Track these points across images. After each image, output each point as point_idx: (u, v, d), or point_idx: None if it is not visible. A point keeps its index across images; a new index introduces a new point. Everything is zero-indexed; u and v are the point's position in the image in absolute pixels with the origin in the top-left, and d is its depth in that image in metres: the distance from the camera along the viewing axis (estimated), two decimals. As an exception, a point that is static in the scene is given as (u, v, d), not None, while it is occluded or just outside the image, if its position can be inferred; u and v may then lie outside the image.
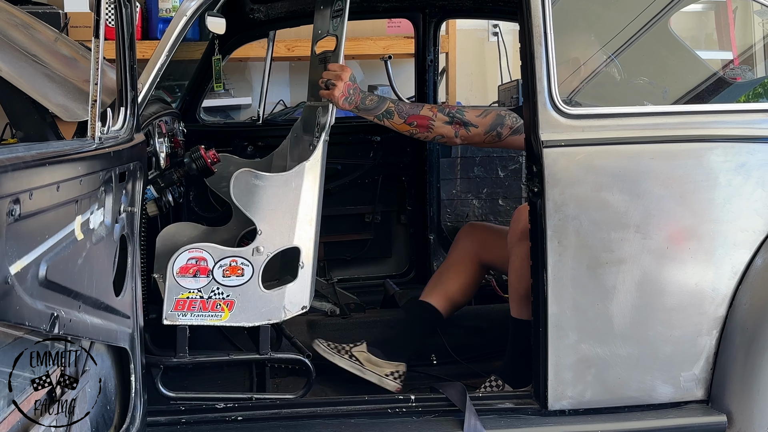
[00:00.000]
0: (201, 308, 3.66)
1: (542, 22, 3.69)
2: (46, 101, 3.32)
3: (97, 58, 2.96)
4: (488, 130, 4.13)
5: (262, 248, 3.67)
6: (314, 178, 3.78)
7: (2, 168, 2.07)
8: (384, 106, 4.05)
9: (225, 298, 3.67)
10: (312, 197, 3.77)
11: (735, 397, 3.75)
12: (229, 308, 3.67)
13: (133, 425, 3.42)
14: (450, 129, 4.12)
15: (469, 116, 4.12)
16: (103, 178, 2.96)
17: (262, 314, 3.72)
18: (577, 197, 3.65)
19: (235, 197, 3.72)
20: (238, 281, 3.67)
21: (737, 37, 7.31)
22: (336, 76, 3.90)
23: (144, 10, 7.17)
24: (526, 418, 3.80)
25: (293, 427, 3.74)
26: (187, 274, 3.63)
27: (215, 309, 3.67)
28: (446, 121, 4.10)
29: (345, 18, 3.90)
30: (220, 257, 3.65)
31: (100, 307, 2.99)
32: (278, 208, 3.71)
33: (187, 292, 3.64)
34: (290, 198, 3.72)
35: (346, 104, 3.94)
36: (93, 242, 2.88)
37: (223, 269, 3.66)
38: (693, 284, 3.75)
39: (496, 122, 4.13)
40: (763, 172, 3.73)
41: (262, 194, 3.70)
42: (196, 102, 5.69)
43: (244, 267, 3.66)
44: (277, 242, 3.70)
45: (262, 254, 3.67)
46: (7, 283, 2.16)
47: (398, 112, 4.06)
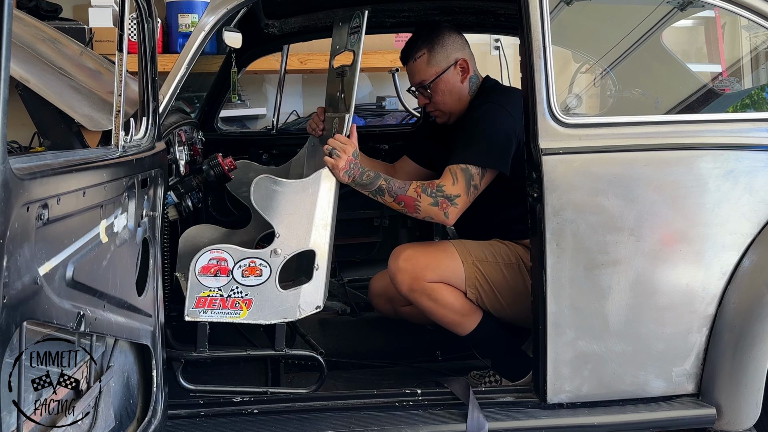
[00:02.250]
0: (221, 306, 3.66)
1: (541, 36, 3.70)
2: (72, 112, 3.32)
3: (121, 70, 2.97)
4: (467, 190, 4.06)
5: (280, 250, 3.67)
6: (330, 185, 3.78)
7: (31, 175, 2.08)
8: (377, 183, 4.00)
9: (244, 297, 3.67)
10: (328, 203, 3.77)
11: (724, 391, 3.74)
12: (247, 306, 3.68)
13: (154, 418, 3.42)
14: (438, 211, 4.03)
15: (448, 189, 4.04)
16: (127, 184, 2.97)
17: (279, 313, 3.72)
18: (574, 202, 3.65)
19: (255, 202, 3.72)
20: (256, 281, 3.67)
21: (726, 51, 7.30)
22: (341, 149, 3.86)
23: (165, 26, 7.18)
24: (526, 411, 3.80)
25: (306, 420, 3.74)
26: (208, 274, 3.63)
27: (234, 307, 3.67)
28: (431, 202, 4.01)
29: (362, 34, 3.90)
30: (239, 258, 3.66)
31: (124, 306, 2.99)
32: (295, 213, 3.71)
33: (208, 291, 3.64)
34: (307, 203, 3.72)
35: (345, 177, 3.88)
36: (117, 245, 2.89)
37: (242, 269, 3.66)
38: (684, 284, 3.74)
39: (468, 179, 4.06)
40: (750, 178, 3.73)
41: (281, 199, 3.70)
42: (214, 112, 5.69)
43: (263, 268, 3.66)
44: (294, 245, 3.70)
45: (280, 256, 3.67)
46: (36, 284, 2.16)
47: (388, 191, 4.01)
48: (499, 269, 4.21)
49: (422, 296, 4.10)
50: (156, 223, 3.46)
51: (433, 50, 4.43)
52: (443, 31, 4.50)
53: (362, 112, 7.85)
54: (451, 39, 4.49)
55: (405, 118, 7.03)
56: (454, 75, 4.45)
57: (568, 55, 5.78)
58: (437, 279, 4.10)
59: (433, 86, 4.45)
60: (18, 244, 2.03)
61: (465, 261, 4.17)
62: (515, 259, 4.23)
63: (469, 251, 4.23)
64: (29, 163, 2.13)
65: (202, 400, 3.79)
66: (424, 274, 4.08)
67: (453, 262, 4.16)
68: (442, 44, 4.45)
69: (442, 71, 4.43)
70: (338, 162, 3.81)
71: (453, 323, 4.18)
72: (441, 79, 4.43)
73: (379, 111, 8.01)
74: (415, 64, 4.48)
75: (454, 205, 4.01)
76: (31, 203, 2.08)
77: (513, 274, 4.17)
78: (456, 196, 4.02)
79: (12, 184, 1.95)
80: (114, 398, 3.14)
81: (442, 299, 4.11)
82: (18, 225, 2.01)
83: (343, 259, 5.98)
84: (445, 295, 4.11)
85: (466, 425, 3.68)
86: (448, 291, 4.13)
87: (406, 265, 4.10)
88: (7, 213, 1.94)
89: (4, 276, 1.94)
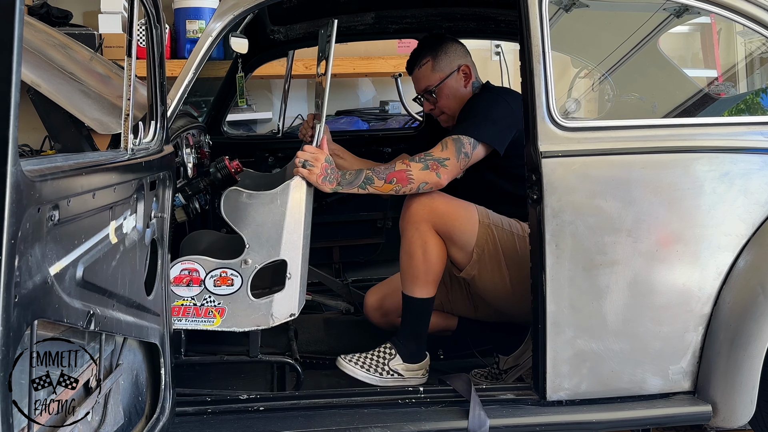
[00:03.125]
0: (195, 314, 3.69)
1: (541, 42, 3.70)
2: (82, 115, 3.33)
3: (130, 75, 2.97)
4: (458, 156, 4.09)
5: (250, 260, 3.68)
6: (300, 195, 3.76)
7: (42, 177, 2.08)
8: (362, 175, 3.98)
9: (217, 306, 3.69)
10: (298, 213, 3.76)
11: (719, 389, 3.74)
12: (220, 315, 3.69)
13: (162, 415, 3.42)
14: (429, 173, 4.03)
15: (437, 153, 4.10)
16: (135, 186, 2.97)
17: (252, 321, 3.73)
18: (573, 204, 3.65)
19: (225, 214, 3.72)
20: (228, 290, 3.68)
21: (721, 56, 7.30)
22: (313, 158, 3.84)
23: (173, 31, 7.18)
24: (526, 408, 3.80)
25: (311, 417, 3.74)
26: (180, 284, 3.65)
27: (207, 315, 3.69)
28: (421, 167, 4.02)
29: (332, 43, 3.90)
30: (211, 268, 3.67)
31: (133, 305, 2.99)
32: (265, 224, 3.71)
33: (182, 300, 3.66)
34: (276, 214, 3.72)
35: (326, 183, 3.87)
36: (126, 246, 2.89)
37: (213, 279, 3.68)
38: (680, 284, 3.74)
39: (459, 146, 4.11)
40: (745, 181, 3.73)
41: (250, 211, 3.70)
42: (221, 116, 5.70)
43: (234, 277, 3.68)
44: (265, 255, 3.70)
45: (250, 266, 3.68)
46: (47, 283, 2.16)
47: (376, 176, 3.98)
48: (512, 238, 4.28)
49: (415, 234, 4.13)
50: (164, 225, 3.46)
51: (437, 57, 4.59)
52: (446, 41, 4.67)
53: (366, 116, 7.85)
54: (454, 47, 4.65)
55: (408, 122, 7.03)
56: (458, 80, 4.60)
57: (567, 61, 5.77)
58: (443, 232, 4.16)
59: (437, 91, 4.59)
60: (29, 245, 2.03)
61: (482, 221, 4.22)
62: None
63: (488, 214, 4.28)
64: (40, 166, 2.13)
65: (209, 398, 3.79)
66: (434, 219, 4.12)
67: (470, 220, 4.20)
68: (446, 52, 4.61)
69: (446, 76, 4.58)
70: (312, 172, 3.80)
71: (412, 276, 4.18)
72: (445, 84, 4.58)
73: (382, 115, 8.00)
74: (420, 72, 4.63)
75: (445, 166, 4.05)
76: (42, 205, 2.08)
77: (524, 247, 4.12)
78: (445, 158, 4.08)
79: (23, 186, 1.95)
80: (123, 395, 3.15)
81: (428, 253, 4.14)
82: (29, 226, 2.01)
83: (347, 260, 6.00)
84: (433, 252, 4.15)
85: (467, 422, 3.68)
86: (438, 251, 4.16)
87: (424, 204, 4.12)
88: (19, 214, 1.94)
89: (16, 276, 1.94)
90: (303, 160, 3.83)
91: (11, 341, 1.95)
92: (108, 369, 2.95)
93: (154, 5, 3.46)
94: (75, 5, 7.36)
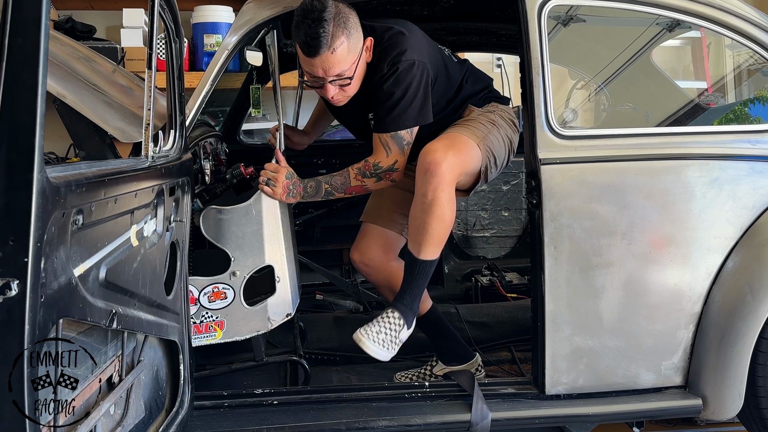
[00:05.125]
0: (196, 332, 3.68)
1: (540, 55, 3.71)
2: (105, 125, 3.33)
3: (150, 86, 2.97)
4: (402, 150, 3.83)
5: (238, 272, 3.68)
6: (273, 202, 3.79)
7: (67, 183, 2.08)
8: (323, 189, 3.87)
9: (215, 320, 3.69)
10: (275, 219, 3.78)
11: (709, 383, 3.73)
12: (220, 327, 3.70)
13: (182, 408, 3.43)
14: (384, 183, 3.86)
15: (385, 162, 3.82)
16: (156, 192, 2.97)
17: (251, 327, 3.74)
18: (570, 208, 3.65)
19: (205, 233, 3.72)
20: (222, 304, 3.68)
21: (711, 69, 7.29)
22: (274, 178, 3.80)
23: (191, 45, 7.18)
24: (526, 402, 3.80)
25: (322, 410, 3.75)
26: None
27: (209, 330, 3.69)
28: (375, 180, 3.85)
29: (275, 52, 3.99)
30: (202, 286, 3.67)
31: (153, 305, 2.99)
32: (245, 235, 3.71)
33: None
34: (254, 224, 3.73)
35: (291, 198, 3.83)
36: (146, 248, 2.89)
37: (207, 296, 3.67)
38: (672, 284, 3.74)
39: (399, 142, 3.83)
40: (733, 186, 3.73)
41: (228, 225, 3.70)
42: (237, 125, 5.69)
43: (226, 291, 3.68)
44: (250, 264, 3.71)
45: (239, 277, 3.68)
46: (72, 284, 2.17)
47: (335, 190, 3.86)
48: (498, 135, 4.00)
49: (447, 197, 3.64)
50: (183, 229, 3.46)
51: (350, 36, 3.67)
52: (344, 9, 3.70)
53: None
54: (353, 16, 3.75)
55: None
56: (365, 56, 3.81)
57: (564, 73, 5.77)
58: (458, 175, 3.72)
59: (352, 74, 3.76)
60: (54, 247, 2.03)
61: (480, 146, 3.84)
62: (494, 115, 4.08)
63: (476, 134, 3.88)
64: (65, 173, 2.13)
65: (225, 392, 3.80)
66: (457, 176, 3.69)
67: (476, 155, 3.82)
68: (354, 25, 3.71)
69: (359, 56, 3.76)
70: (276, 191, 3.78)
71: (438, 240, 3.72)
72: (359, 66, 3.76)
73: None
74: (334, 56, 3.64)
75: (396, 170, 3.86)
76: (66, 209, 2.08)
77: (513, 129, 4.11)
78: (393, 163, 3.83)
79: (49, 192, 1.95)
80: (144, 390, 3.15)
81: (454, 213, 3.72)
82: (54, 229, 2.01)
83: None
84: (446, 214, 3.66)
85: (470, 415, 3.68)
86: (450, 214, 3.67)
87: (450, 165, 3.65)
88: (45, 218, 1.94)
89: (42, 276, 1.95)
90: (266, 179, 3.81)
91: (38, 339, 1.95)
92: (130, 365, 2.96)
93: (174, 20, 3.46)
94: (98, 20, 7.37)
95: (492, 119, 4.04)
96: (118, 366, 2.83)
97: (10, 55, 1.86)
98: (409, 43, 3.80)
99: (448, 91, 4.10)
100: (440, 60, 4.03)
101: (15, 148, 1.87)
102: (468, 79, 4.20)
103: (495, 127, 4.00)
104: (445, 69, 4.06)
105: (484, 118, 4.04)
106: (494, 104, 4.17)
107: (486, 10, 4.59)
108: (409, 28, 3.88)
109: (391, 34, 3.84)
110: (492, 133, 3.97)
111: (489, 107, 4.14)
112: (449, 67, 4.10)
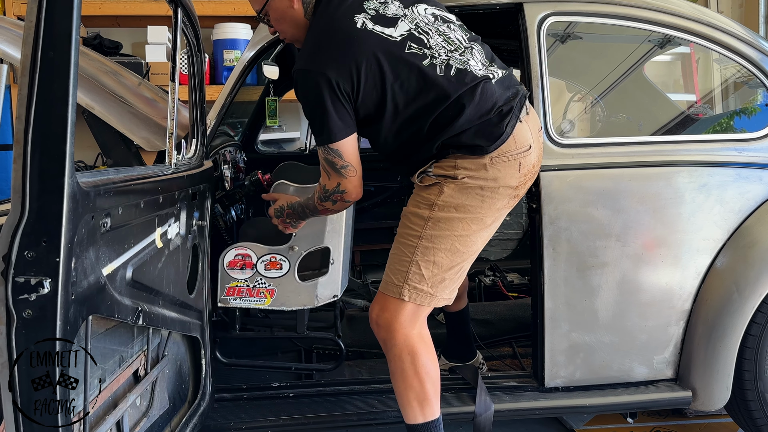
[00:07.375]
0: (248, 294, 3.67)
1: (539, 69, 3.71)
2: (131, 134, 3.34)
3: (173, 98, 2.98)
4: (339, 173, 3.17)
5: (297, 247, 3.66)
6: None
7: (96, 188, 2.09)
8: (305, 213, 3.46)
9: (267, 287, 3.68)
10: None
11: (698, 376, 3.73)
12: (271, 295, 3.68)
13: (203, 400, 3.43)
14: (340, 206, 3.29)
15: (329, 185, 3.22)
16: (179, 197, 2.98)
17: (298, 301, 3.71)
18: (568, 212, 3.65)
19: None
20: (277, 273, 3.67)
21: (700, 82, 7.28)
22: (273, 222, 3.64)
23: (212, 60, 7.19)
24: (527, 394, 3.80)
25: (335, 402, 3.76)
26: (235, 267, 3.64)
27: (259, 295, 3.67)
28: (331, 204, 3.27)
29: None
30: (262, 254, 3.66)
31: (176, 303, 3.00)
32: None
33: (236, 282, 3.65)
34: None
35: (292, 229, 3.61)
36: (170, 250, 2.90)
37: (264, 264, 3.66)
38: (664, 283, 3.73)
39: (329, 164, 3.15)
40: (721, 191, 3.73)
41: None
42: (255, 135, 5.70)
43: (282, 262, 3.66)
44: (310, 242, 3.69)
45: (296, 252, 3.67)
46: (101, 283, 2.17)
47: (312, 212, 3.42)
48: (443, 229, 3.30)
49: (388, 349, 3.41)
50: (205, 232, 3.47)
51: None
52: None
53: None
54: None
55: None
56: (287, 3, 3.27)
57: (562, 86, 5.77)
58: (412, 317, 3.37)
59: (266, 15, 3.35)
60: (84, 248, 2.04)
61: (424, 259, 3.34)
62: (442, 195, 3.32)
63: (409, 245, 3.42)
64: (94, 179, 2.14)
65: (244, 386, 3.81)
66: (401, 328, 3.38)
67: (431, 270, 3.35)
68: None
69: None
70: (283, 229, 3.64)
71: (397, 396, 3.37)
72: (270, 8, 3.30)
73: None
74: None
75: (344, 192, 3.20)
76: (95, 213, 2.09)
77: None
78: (337, 185, 3.19)
79: (79, 197, 1.96)
80: (168, 383, 3.16)
81: (403, 366, 3.36)
82: (84, 231, 2.02)
83: (366, 262, 6.00)
84: (409, 370, 3.35)
85: (474, 406, 3.67)
86: (422, 361, 3.33)
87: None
88: (75, 221, 1.95)
89: (72, 276, 1.95)
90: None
91: (68, 334, 1.96)
92: (155, 359, 2.96)
93: (195, 36, 3.47)
94: (125, 37, 7.40)
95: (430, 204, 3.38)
96: (144, 360, 2.83)
97: (42, 67, 1.87)
98: (308, 45, 3.20)
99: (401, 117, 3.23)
100: (375, 70, 3.10)
101: (47, 155, 1.87)
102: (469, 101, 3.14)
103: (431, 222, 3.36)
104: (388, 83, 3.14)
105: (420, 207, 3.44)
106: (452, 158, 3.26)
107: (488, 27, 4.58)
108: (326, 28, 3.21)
109: (324, 9, 3.26)
110: (426, 236, 3.36)
111: (443, 167, 3.31)
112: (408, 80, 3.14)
